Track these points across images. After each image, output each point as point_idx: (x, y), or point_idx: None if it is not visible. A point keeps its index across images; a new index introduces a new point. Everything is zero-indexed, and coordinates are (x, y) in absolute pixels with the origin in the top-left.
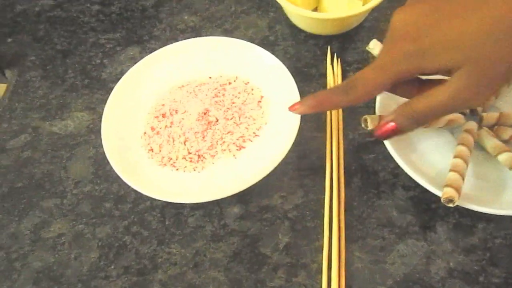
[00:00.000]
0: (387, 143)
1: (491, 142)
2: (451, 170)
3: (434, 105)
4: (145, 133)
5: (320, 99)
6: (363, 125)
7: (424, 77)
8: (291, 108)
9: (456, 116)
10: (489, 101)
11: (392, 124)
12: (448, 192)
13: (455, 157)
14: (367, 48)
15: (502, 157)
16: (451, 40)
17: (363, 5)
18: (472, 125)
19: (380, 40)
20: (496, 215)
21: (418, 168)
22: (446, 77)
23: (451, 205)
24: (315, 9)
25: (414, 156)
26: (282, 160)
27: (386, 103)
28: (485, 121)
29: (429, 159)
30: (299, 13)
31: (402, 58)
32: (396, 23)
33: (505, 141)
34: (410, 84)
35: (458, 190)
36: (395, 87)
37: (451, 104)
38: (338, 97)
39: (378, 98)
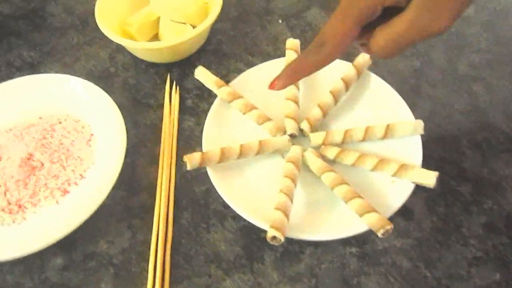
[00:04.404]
0: (211, 173)
1: (315, 164)
2: (275, 208)
3: (394, 36)
4: None
5: (294, 67)
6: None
7: None
8: (271, 87)
9: (283, 140)
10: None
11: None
12: (272, 232)
13: (280, 191)
14: (195, 76)
15: (325, 177)
16: None
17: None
18: (297, 151)
19: (209, 67)
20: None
21: (245, 199)
22: None
23: (276, 243)
24: (155, 36)
25: (242, 183)
26: (104, 201)
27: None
28: (313, 142)
29: (258, 186)
30: (128, 46)
31: None
32: None
33: (331, 161)
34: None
35: (282, 229)
36: (365, 34)
37: (412, 32)
38: (311, 58)
39: (204, 135)
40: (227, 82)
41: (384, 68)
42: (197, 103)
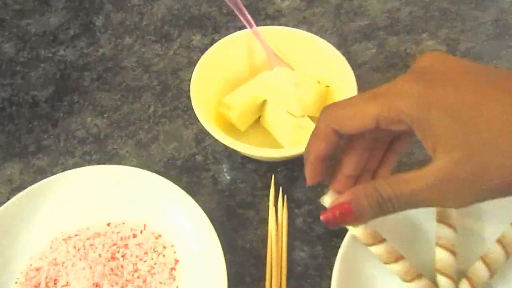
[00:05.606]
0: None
1: None
2: None
3: (405, 194)
4: None
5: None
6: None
7: None
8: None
9: None
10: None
11: (348, 205)
12: None
13: None
14: (320, 201)
15: None
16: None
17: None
18: None
19: None
20: None
21: None
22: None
23: None
24: (257, 121)
25: None
26: None
27: None
28: None
29: None
30: (241, 150)
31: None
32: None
33: None
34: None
35: None
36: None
37: (426, 198)
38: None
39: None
40: None
41: None
42: (310, 224)
